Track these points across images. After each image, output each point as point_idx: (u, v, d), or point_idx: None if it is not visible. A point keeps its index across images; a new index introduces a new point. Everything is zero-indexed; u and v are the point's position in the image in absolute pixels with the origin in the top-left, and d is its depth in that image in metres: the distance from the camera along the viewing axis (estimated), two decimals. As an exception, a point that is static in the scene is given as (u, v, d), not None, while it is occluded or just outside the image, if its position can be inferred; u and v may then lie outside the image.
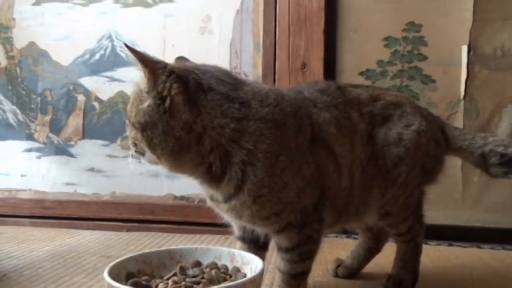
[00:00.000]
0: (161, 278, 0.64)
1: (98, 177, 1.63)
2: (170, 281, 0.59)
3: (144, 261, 0.68)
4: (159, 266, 0.68)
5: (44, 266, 1.12)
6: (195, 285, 0.57)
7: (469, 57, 1.46)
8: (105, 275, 0.56)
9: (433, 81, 1.49)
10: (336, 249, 1.29)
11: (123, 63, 1.62)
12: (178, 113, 0.69)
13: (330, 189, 0.80)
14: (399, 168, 0.86)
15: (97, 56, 1.64)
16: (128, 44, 0.71)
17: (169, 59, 1.62)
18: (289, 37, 1.52)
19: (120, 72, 1.63)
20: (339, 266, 1.05)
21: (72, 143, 1.66)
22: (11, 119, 1.69)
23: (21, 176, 1.68)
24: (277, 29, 1.53)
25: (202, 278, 0.59)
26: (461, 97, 1.47)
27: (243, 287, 0.54)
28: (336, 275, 1.04)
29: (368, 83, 1.51)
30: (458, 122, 1.48)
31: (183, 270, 0.62)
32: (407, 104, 0.93)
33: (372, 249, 1.04)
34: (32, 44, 1.68)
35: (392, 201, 0.88)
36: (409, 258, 0.95)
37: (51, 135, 1.67)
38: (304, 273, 0.80)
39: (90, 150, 1.64)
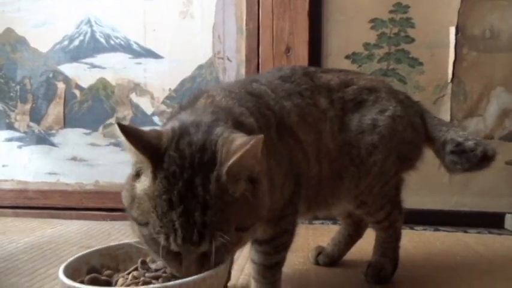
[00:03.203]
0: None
1: (81, 167, 1.60)
2: (130, 276, 0.57)
3: (109, 255, 0.66)
4: (125, 260, 0.65)
5: (21, 258, 1.10)
6: (153, 281, 0.55)
7: (457, 38, 1.42)
8: (60, 271, 0.54)
9: (421, 64, 1.45)
10: (320, 236, 1.28)
11: (103, 49, 1.58)
12: None
13: (303, 176, 0.77)
14: (374, 156, 0.83)
15: (76, 42, 1.60)
16: None
17: (151, 44, 1.60)
18: (273, 20, 1.47)
19: (100, 59, 1.58)
20: (319, 253, 1.03)
21: (53, 131, 1.62)
22: (-10, 108, 1.66)
23: (3, 166, 1.65)
24: (260, 11, 1.48)
25: (164, 272, 0.57)
26: (449, 80, 1.44)
27: (203, 281, 0.52)
28: (317, 263, 1.03)
29: (354, 66, 1.48)
30: (446, 105, 1.45)
31: (144, 264, 0.60)
32: (382, 89, 0.89)
33: (353, 236, 1.02)
34: (9, 31, 1.63)
35: (367, 191, 0.86)
36: (388, 245, 0.93)
37: (31, 124, 1.64)
38: (278, 264, 0.78)
39: (72, 139, 1.61)
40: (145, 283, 0.54)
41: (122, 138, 0.53)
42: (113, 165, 1.57)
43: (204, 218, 0.51)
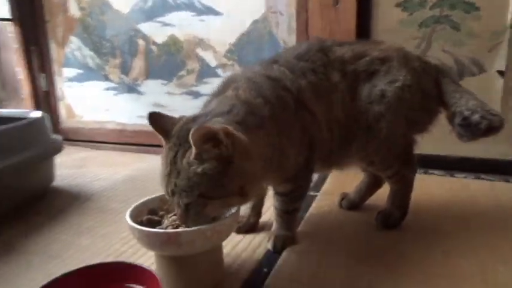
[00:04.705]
0: (174, 214, 0.88)
1: (161, 112, 1.91)
2: (170, 219, 0.83)
3: (163, 200, 0.92)
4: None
5: (119, 188, 1.47)
6: (182, 225, 0.80)
7: (521, -21, 1.31)
8: (127, 212, 0.82)
9: (477, 8, 1.39)
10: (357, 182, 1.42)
11: (171, 8, 1.78)
12: None
13: (316, 143, 0.92)
14: (380, 123, 0.93)
15: (150, 3, 1.82)
16: None
17: (211, 1, 1.73)
18: (322, -29, 1.50)
19: (169, 17, 1.79)
20: (343, 198, 1.21)
21: (138, 82, 1.94)
22: (90, 63, 2.02)
23: (106, 110, 2.05)
24: (309, -37, 1.51)
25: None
26: (509, 25, 1.36)
27: (211, 229, 0.75)
28: (341, 207, 1.21)
29: (405, 14, 1.47)
30: (503, 52, 1.40)
31: (181, 211, 0.85)
32: (394, 58, 0.95)
33: (372, 185, 1.16)
34: (96, -5, 1.91)
35: (373, 154, 0.98)
36: (398, 196, 1.06)
37: (122, 76, 1.97)
38: (295, 210, 0.99)
39: (153, 88, 1.92)
40: (177, 226, 0.80)
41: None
42: (185, 110, 1.83)
43: (175, 180, 0.73)
